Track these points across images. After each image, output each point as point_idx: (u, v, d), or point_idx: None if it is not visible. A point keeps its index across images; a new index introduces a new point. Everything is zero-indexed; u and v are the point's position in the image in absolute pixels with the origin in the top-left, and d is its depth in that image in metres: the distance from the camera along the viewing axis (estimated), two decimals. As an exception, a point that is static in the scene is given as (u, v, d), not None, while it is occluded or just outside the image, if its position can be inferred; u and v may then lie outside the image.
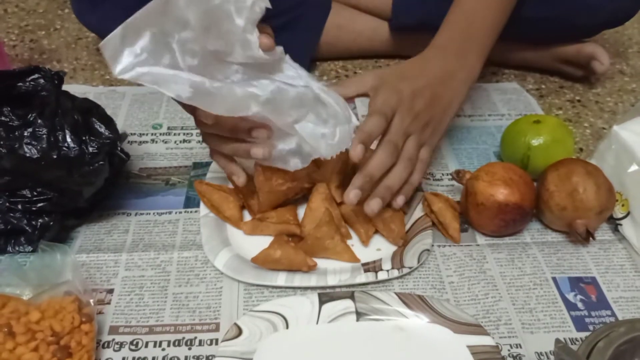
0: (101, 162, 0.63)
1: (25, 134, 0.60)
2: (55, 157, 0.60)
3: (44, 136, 0.60)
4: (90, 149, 0.62)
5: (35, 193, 0.63)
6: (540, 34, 0.95)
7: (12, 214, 0.63)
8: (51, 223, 0.64)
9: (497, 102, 0.93)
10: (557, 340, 0.49)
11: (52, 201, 0.63)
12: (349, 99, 0.67)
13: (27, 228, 0.64)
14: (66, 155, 0.60)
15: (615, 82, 1.00)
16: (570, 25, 0.91)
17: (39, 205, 0.63)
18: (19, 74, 0.62)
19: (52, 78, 0.63)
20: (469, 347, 0.56)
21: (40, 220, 0.64)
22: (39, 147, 0.60)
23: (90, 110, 0.67)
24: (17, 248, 0.65)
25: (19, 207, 0.63)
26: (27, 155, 0.59)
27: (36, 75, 0.62)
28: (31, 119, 0.61)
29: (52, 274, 0.58)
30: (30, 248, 0.65)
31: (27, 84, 0.62)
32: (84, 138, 0.62)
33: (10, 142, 0.60)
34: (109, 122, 0.67)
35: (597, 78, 1.00)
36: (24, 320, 0.54)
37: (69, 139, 0.61)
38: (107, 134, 0.65)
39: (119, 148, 0.68)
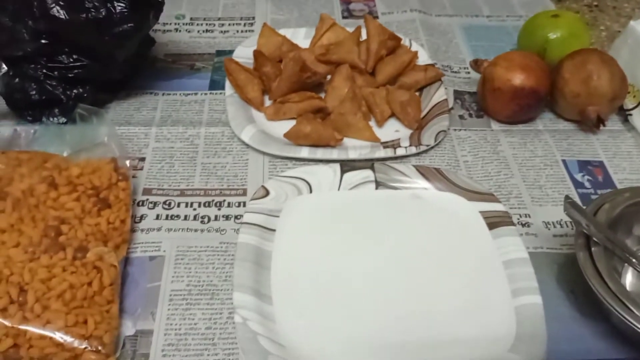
0: (130, 24, 0.64)
1: None
2: (83, 18, 0.62)
3: None
4: (118, 9, 0.63)
5: (71, 59, 0.65)
6: None
7: (48, 82, 0.66)
8: (85, 95, 0.67)
9: (515, 4, 0.94)
10: (567, 197, 0.52)
11: (87, 68, 0.65)
12: None
13: (62, 97, 0.66)
14: (95, 17, 0.62)
15: (633, -10, 1.01)
16: None
17: (75, 72, 0.65)
18: None
19: None
20: (481, 212, 0.59)
21: (74, 91, 0.66)
22: (67, 9, 0.62)
23: None
24: (51, 119, 0.67)
25: (56, 73, 0.65)
26: (57, 16, 0.61)
27: None
28: None
29: (90, 136, 0.61)
30: (64, 119, 0.67)
31: None
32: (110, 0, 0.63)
33: (44, 5, 0.62)
34: None
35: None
36: (65, 174, 0.57)
37: (95, 2, 0.62)
38: None
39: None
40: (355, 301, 0.52)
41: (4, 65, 0.64)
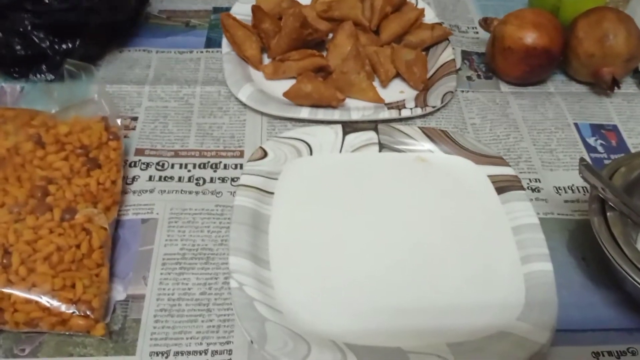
0: None
1: None
2: None
3: None
4: None
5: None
6: None
7: (35, 34, 0.62)
8: (74, 49, 0.63)
9: (526, -38, 0.90)
10: (582, 159, 0.49)
11: (74, 9, 0.62)
12: None
13: (49, 52, 0.63)
14: None
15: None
16: None
17: (61, 16, 0.61)
18: None
19: None
20: (489, 176, 0.56)
21: (63, 45, 0.63)
22: None
23: None
24: (38, 75, 0.64)
25: (43, 22, 0.61)
26: None
27: None
28: None
29: (79, 93, 0.58)
30: (52, 76, 0.64)
31: None
32: None
33: None
34: None
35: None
36: (53, 132, 0.54)
37: None
38: None
39: None
40: (356, 267, 0.50)
41: None
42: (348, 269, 0.49)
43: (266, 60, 0.69)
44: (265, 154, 0.57)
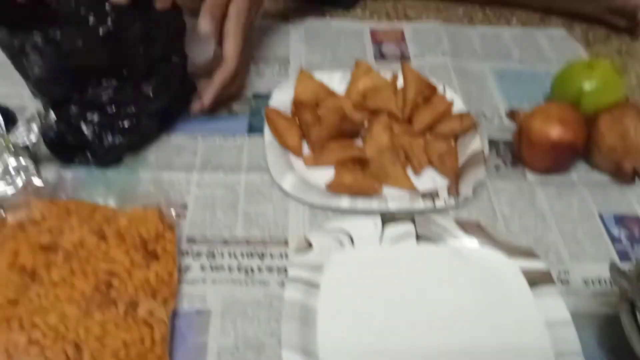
0: (141, 28, 0.64)
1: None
2: (97, 37, 0.62)
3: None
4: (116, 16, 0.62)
5: (102, 85, 0.65)
6: None
7: (85, 124, 0.66)
8: (119, 142, 0.68)
9: (545, 48, 0.95)
10: (612, 264, 0.53)
11: (119, 91, 0.66)
12: None
13: (98, 142, 0.67)
14: (106, 31, 0.62)
15: (661, 34, 1.01)
16: None
17: (108, 98, 0.66)
18: None
19: None
20: (522, 269, 0.60)
21: (110, 138, 0.67)
22: (79, 35, 0.62)
23: None
24: (90, 163, 0.68)
25: (94, 116, 0.66)
26: (74, 45, 0.62)
27: None
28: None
29: (134, 181, 0.62)
30: (104, 164, 0.68)
31: None
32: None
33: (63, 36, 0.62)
34: None
35: (644, 29, 1.01)
36: (114, 225, 0.58)
37: (98, 17, 0.62)
38: None
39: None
40: (398, 358, 0.53)
41: (52, 114, 0.65)
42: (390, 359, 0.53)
43: (305, 147, 0.74)
44: (310, 246, 0.60)
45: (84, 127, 0.67)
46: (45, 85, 0.66)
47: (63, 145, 0.68)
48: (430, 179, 0.71)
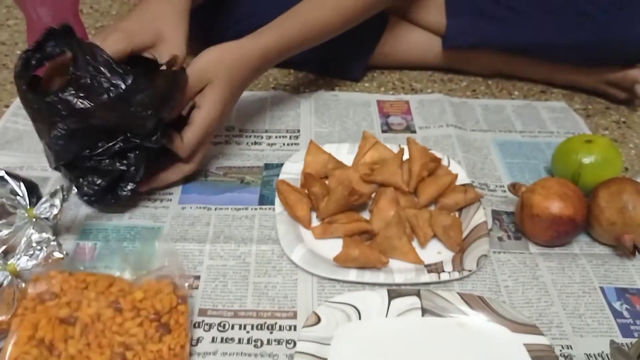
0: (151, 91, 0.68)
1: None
2: (106, 98, 0.65)
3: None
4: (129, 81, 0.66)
5: (109, 143, 0.70)
6: (588, 59, 1.00)
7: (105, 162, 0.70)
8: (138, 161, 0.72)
9: (546, 120, 0.98)
10: (612, 342, 0.54)
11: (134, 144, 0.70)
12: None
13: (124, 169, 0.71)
14: (117, 93, 0.65)
15: (659, 106, 1.05)
16: (618, 53, 0.97)
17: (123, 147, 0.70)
18: (39, 47, 0.67)
19: (63, 33, 0.67)
20: (525, 345, 0.61)
21: (125, 161, 0.71)
22: (89, 97, 0.65)
23: None
24: (124, 190, 0.73)
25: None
26: (84, 107, 0.65)
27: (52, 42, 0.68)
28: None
29: (151, 258, 0.65)
30: (134, 185, 0.73)
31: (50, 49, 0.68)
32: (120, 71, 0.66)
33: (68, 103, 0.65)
34: None
35: (641, 101, 1.05)
36: (130, 298, 0.60)
37: (111, 80, 0.65)
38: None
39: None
40: None
41: (75, 189, 0.69)
42: None
43: (314, 219, 0.76)
44: (318, 320, 0.62)
45: (117, 164, 0.71)
46: (64, 143, 0.69)
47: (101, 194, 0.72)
48: (434, 251, 0.73)
